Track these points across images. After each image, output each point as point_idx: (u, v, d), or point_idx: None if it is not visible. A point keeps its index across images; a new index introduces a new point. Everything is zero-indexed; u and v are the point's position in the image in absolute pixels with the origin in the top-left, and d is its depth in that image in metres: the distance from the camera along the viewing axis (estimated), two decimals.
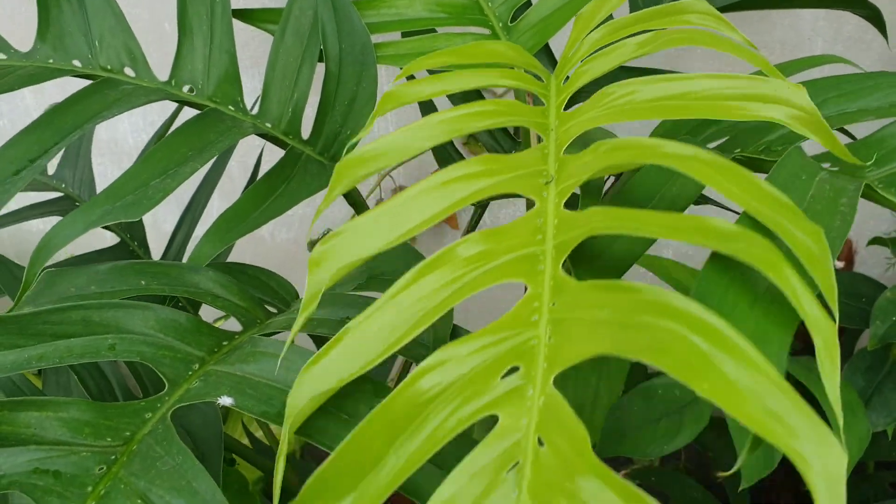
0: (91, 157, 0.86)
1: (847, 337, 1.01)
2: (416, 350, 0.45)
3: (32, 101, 1.27)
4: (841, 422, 0.31)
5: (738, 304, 0.35)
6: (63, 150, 0.76)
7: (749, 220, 0.36)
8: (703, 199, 0.68)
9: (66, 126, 0.54)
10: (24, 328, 0.42)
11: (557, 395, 0.30)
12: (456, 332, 0.47)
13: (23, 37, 0.65)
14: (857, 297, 0.93)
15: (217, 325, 1.10)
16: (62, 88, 1.01)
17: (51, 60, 0.61)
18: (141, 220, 0.84)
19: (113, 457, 0.38)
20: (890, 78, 0.49)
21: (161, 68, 0.63)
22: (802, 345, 0.37)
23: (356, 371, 0.34)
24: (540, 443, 0.29)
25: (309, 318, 0.36)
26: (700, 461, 1.11)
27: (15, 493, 0.36)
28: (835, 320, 0.33)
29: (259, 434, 1.04)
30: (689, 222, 0.35)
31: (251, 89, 0.65)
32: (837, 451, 0.27)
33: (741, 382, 0.30)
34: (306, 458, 1.09)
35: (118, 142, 1.28)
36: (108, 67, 0.62)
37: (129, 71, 0.62)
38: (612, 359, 0.34)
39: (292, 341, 0.39)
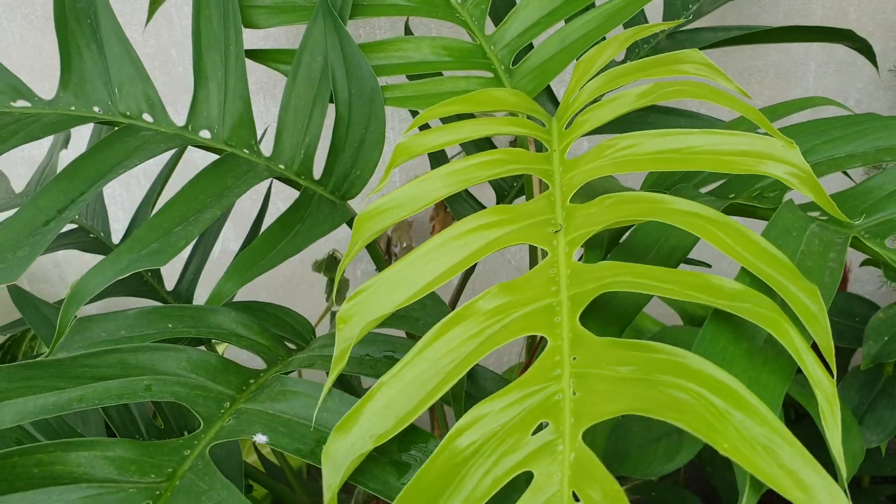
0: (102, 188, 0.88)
1: (841, 355, 1.03)
2: None
3: None
4: (844, 473, 0.33)
5: (736, 358, 0.37)
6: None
7: (747, 277, 0.39)
8: None
9: (91, 176, 0.57)
10: (64, 371, 0.44)
11: (587, 450, 0.32)
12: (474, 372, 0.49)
13: (40, 88, 0.67)
14: (850, 317, 0.96)
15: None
16: None
17: (72, 108, 0.63)
18: None
19: (158, 492, 0.40)
20: (875, 122, 0.52)
21: (168, 94, 0.65)
22: None
23: (390, 429, 0.36)
24: (575, 497, 0.31)
25: (340, 371, 0.39)
26: (698, 475, 1.14)
27: None
28: (833, 376, 0.35)
29: (266, 450, 1.06)
30: (698, 281, 0.37)
31: (256, 113, 0.66)
32: None
33: (757, 440, 0.32)
34: (313, 475, 1.12)
35: None
36: (128, 114, 0.64)
37: (147, 117, 0.64)
38: None
39: (329, 390, 0.41)
